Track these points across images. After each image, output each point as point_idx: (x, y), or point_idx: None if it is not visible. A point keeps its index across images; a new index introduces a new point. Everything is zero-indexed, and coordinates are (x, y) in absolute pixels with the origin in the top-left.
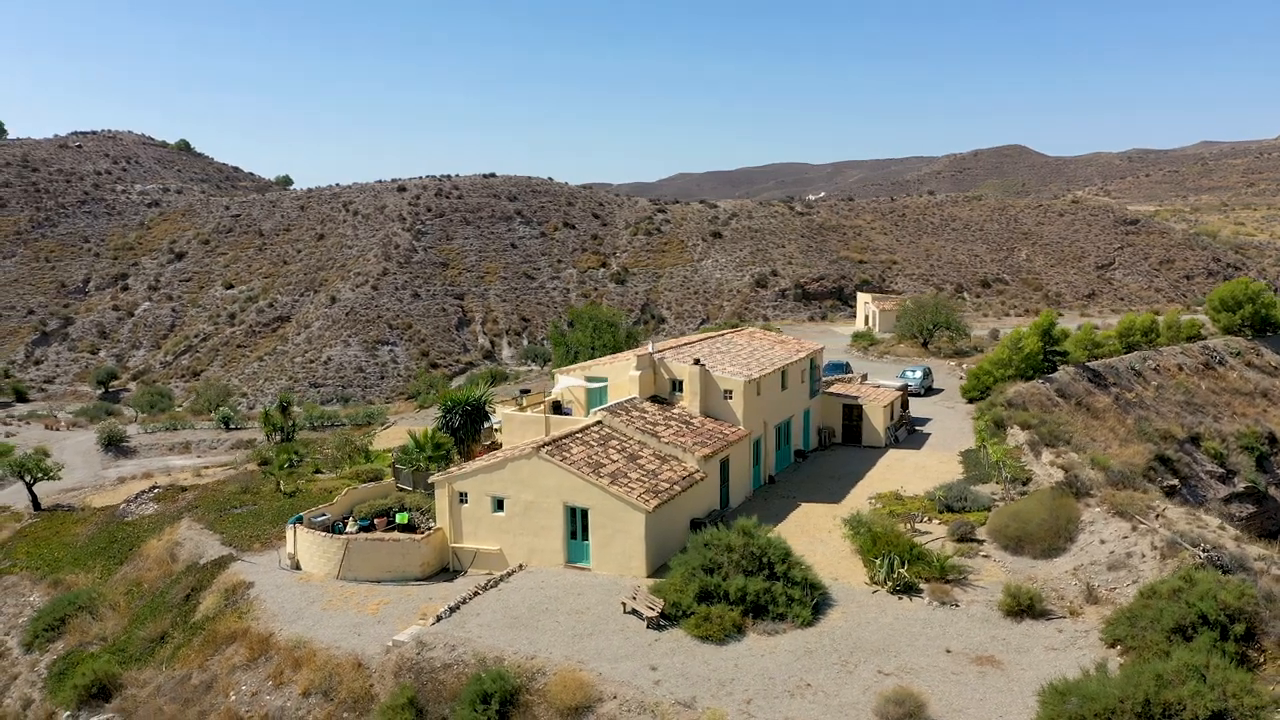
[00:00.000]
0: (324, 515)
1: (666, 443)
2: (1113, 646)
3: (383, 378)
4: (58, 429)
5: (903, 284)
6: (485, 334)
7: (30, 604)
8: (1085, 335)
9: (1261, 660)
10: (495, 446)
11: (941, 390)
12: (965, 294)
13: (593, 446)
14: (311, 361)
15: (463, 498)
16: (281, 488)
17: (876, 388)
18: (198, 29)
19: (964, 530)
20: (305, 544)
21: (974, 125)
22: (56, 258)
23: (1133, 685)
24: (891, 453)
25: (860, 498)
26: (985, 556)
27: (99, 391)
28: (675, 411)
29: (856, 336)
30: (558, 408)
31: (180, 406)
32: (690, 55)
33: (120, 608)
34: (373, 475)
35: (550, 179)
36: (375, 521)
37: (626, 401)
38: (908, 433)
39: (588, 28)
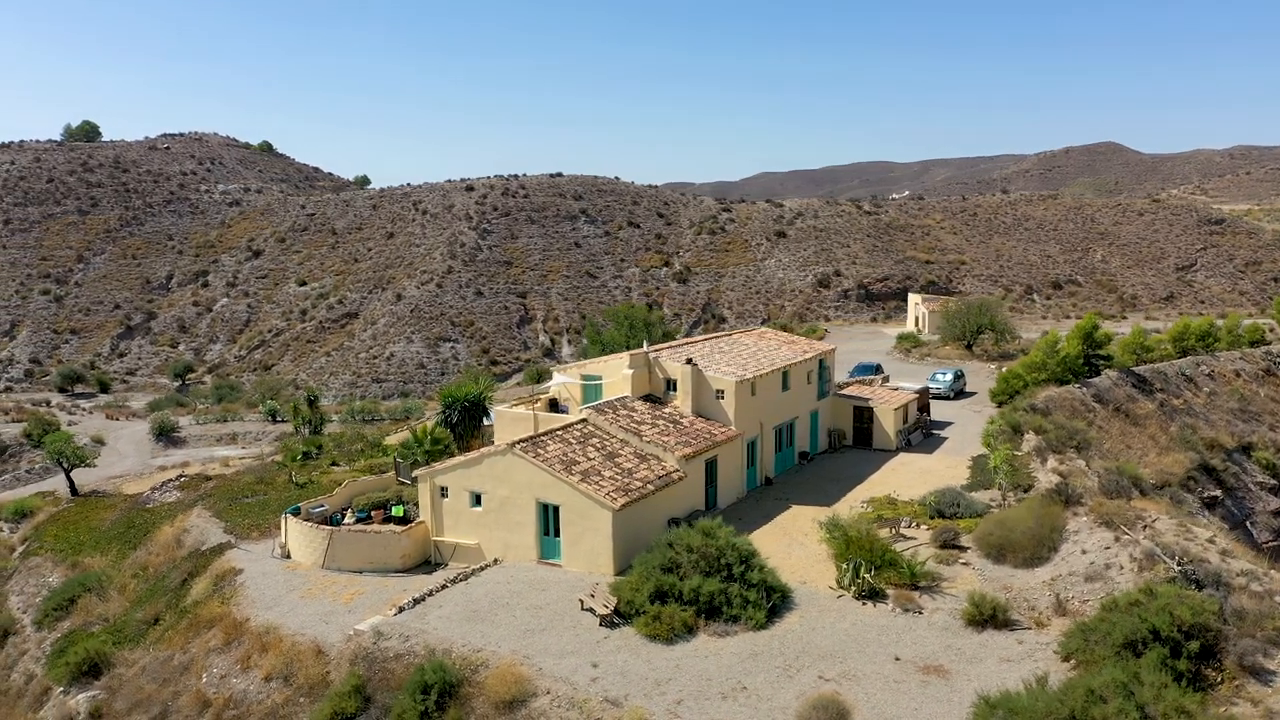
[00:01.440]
0: (322, 507)
1: (648, 441)
2: (1067, 660)
3: (443, 374)
4: (117, 419)
5: (970, 285)
6: (546, 332)
7: (49, 584)
8: (1134, 339)
9: (1219, 680)
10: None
11: (974, 394)
12: (1035, 295)
13: (571, 444)
14: (375, 358)
15: (443, 492)
16: (294, 479)
17: (895, 390)
18: (288, 30)
19: (947, 537)
20: (295, 534)
21: (1066, 121)
22: (143, 255)
23: (1059, 701)
24: (901, 456)
25: (854, 501)
26: (965, 564)
27: (175, 384)
28: (666, 411)
29: (901, 338)
30: (554, 405)
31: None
32: (773, 51)
33: (125, 590)
34: (384, 469)
35: (617, 178)
36: (372, 514)
37: (616, 400)
38: (923, 436)
39: (666, 23)
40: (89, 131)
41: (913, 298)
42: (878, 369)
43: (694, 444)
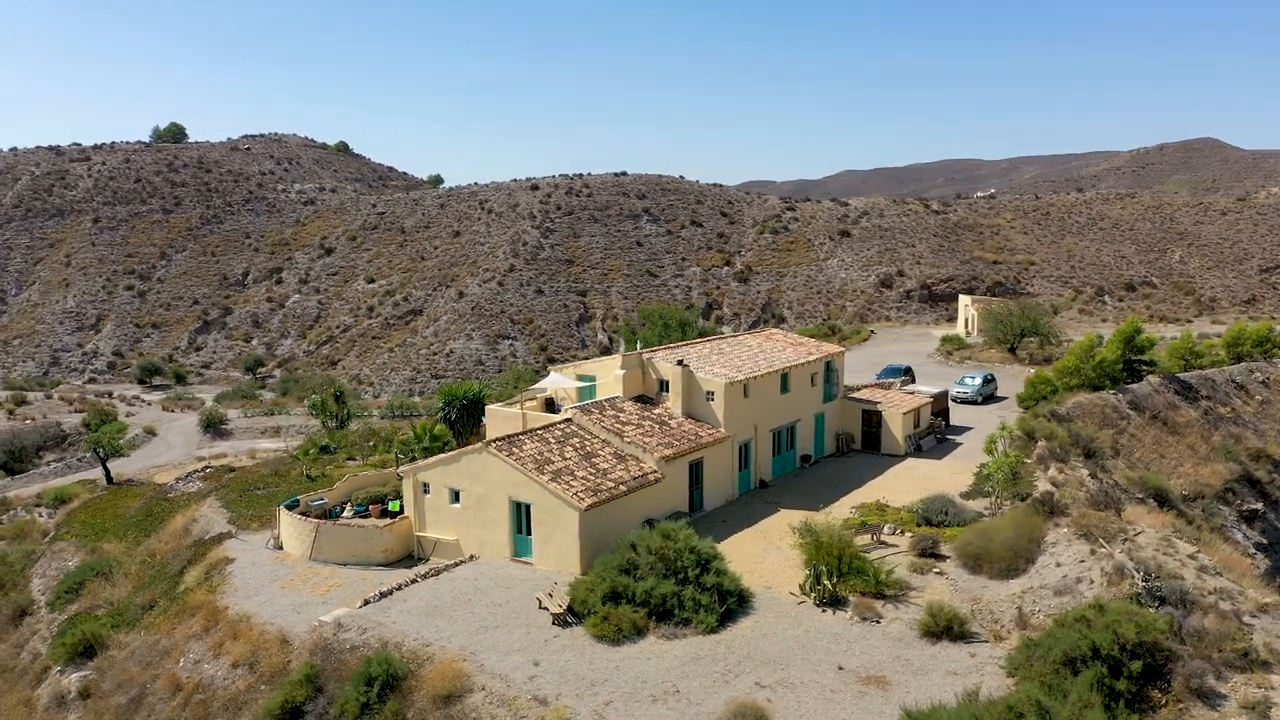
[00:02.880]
0: (321, 500)
1: (629, 442)
2: (1011, 675)
3: (500, 370)
4: (172, 410)
5: (1038, 286)
6: (604, 330)
7: (68, 568)
8: (1182, 344)
9: (1163, 702)
10: None
11: (1005, 399)
12: (1106, 297)
13: (549, 444)
14: (435, 354)
15: (425, 488)
16: (307, 473)
17: (911, 394)
18: (371, 32)
19: (925, 545)
20: (286, 527)
21: (1161, 117)
22: (221, 252)
23: (978, 718)
24: (908, 461)
25: (845, 507)
26: (939, 574)
27: (247, 377)
28: (657, 412)
29: (944, 340)
30: (550, 404)
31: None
32: (856, 47)
33: (131, 575)
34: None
35: (681, 177)
36: (370, 508)
37: (605, 400)
38: (936, 441)
39: (744, 20)
40: (176, 133)
41: (963, 299)
42: (906, 371)
43: (676, 445)
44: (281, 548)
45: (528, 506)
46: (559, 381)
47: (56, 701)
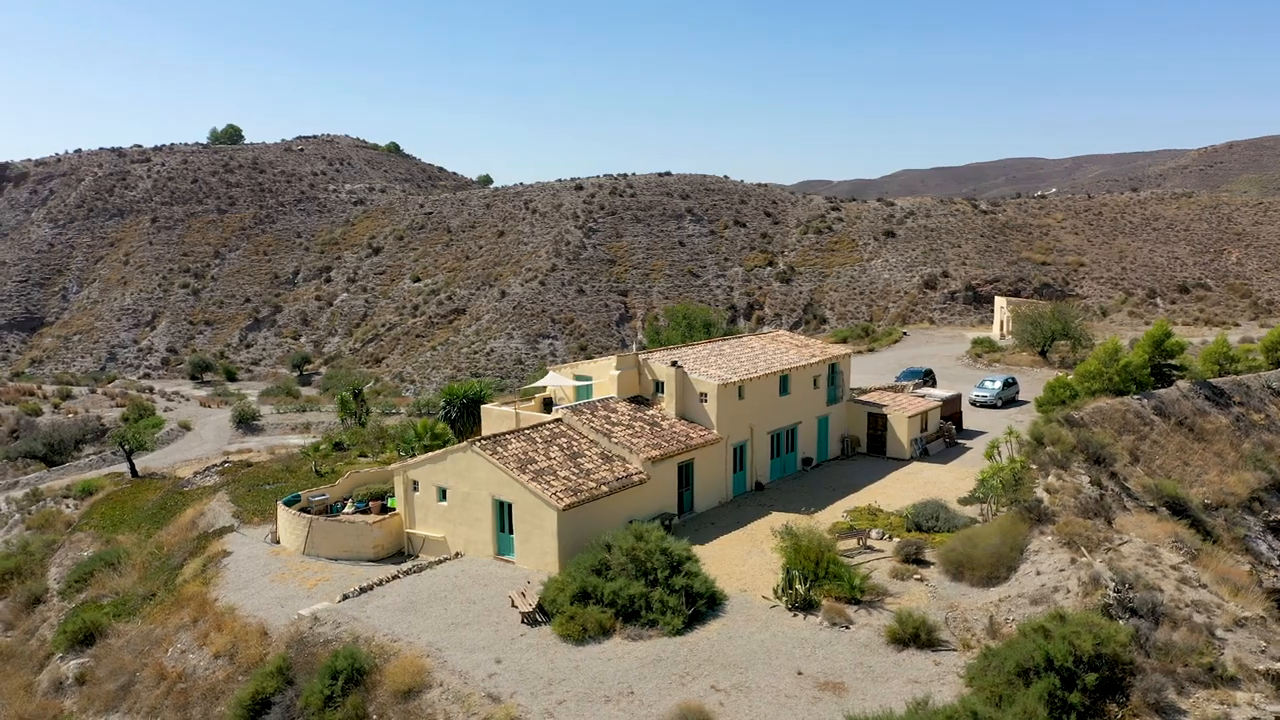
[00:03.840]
0: (323, 496)
1: (616, 442)
2: (970, 685)
3: (539, 370)
4: (210, 406)
5: (1088, 287)
6: (644, 330)
7: (83, 558)
8: (1217, 348)
9: (1120, 716)
10: None
11: (1026, 403)
12: (1158, 300)
13: (535, 443)
14: (476, 352)
15: (415, 486)
16: (317, 468)
17: (922, 397)
18: (426, 33)
19: (909, 551)
20: (283, 522)
21: (1231, 114)
22: (273, 251)
23: None
24: (912, 465)
25: (840, 510)
26: (920, 580)
27: (294, 374)
28: (650, 413)
29: (975, 343)
30: (549, 404)
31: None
32: (913, 45)
33: (137, 566)
34: None
35: (726, 177)
36: (370, 504)
37: (598, 400)
38: (945, 445)
39: (803, 19)
40: (232, 134)
41: (999, 301)
42: (927, 374)
43: (664, 447)
44: (279, 542)
45: (510, 505)
46: (557, 381)
47: (55, 687)
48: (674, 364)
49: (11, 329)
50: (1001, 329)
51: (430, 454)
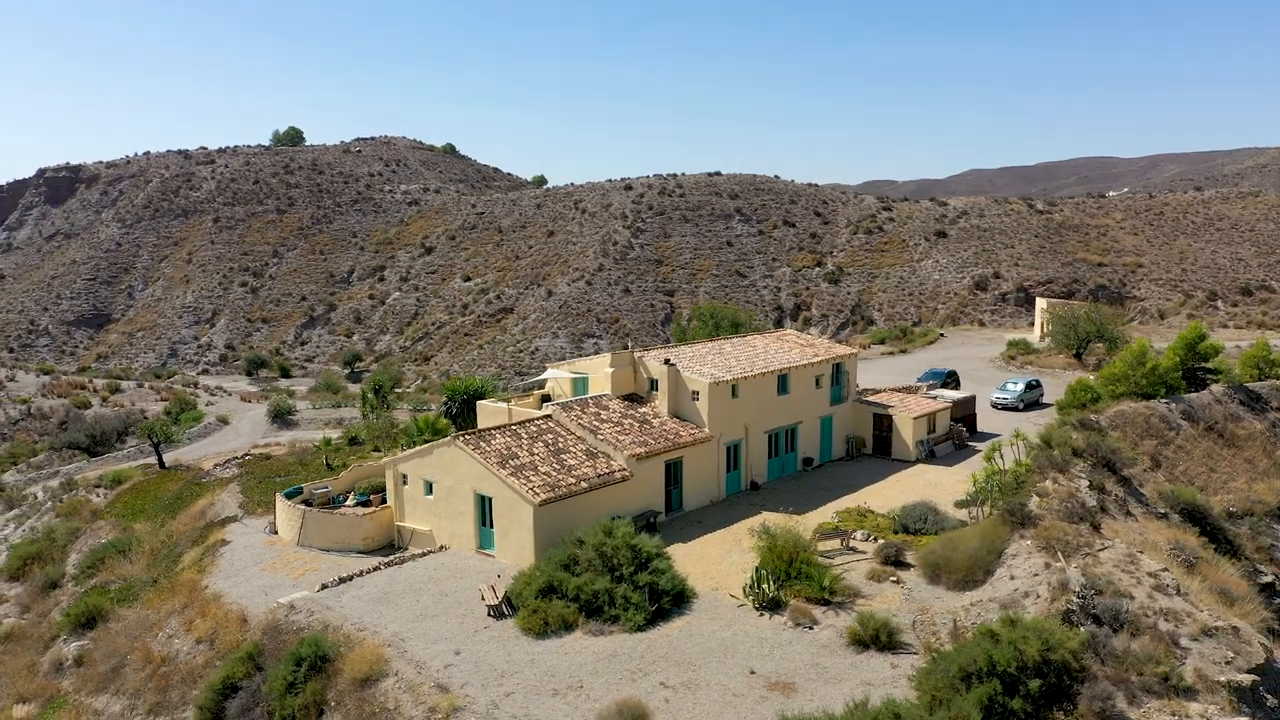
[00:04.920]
0: (325, 488)
1: (601, 439)
2: (918, 688)
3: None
4: (249, 401)
5: (1145, 289)
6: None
7: (100, 545)
8: (1257, 351)
9: None
10: None
11: (1050, 406)
12: (1218, 302)
13: (520, 439)
14: (521, 351)
15: (404, 479)
16: (329, 462)
17: (933, 398)
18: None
19: (890, 553)
20: (281, 513)
21: None
22: (329, 250)
23: None
24: (917, 467)
25: (831, 511)
26: (896, 582)
27: (345, 371)
28: (642, 410)
29: (1011, 344)
30: (547, 400)
31: (409, 388)
32: (980, 41)
33: (146, 554)
34: None
35: (776, 176)
36: (372, 497)
37: (590, 397)
38: (954, 447)
39: (866, 18)
40: (293, 136)
41: (1040, 302)
42: (950, 375)
43: (650, 444)
44: (277, 533)
45: (490, 500)
46: (555, 378)
47: (55, 667)
48: (666, 362)
49: (80, 325)
50: (1041, 331)
51: (418, 448)
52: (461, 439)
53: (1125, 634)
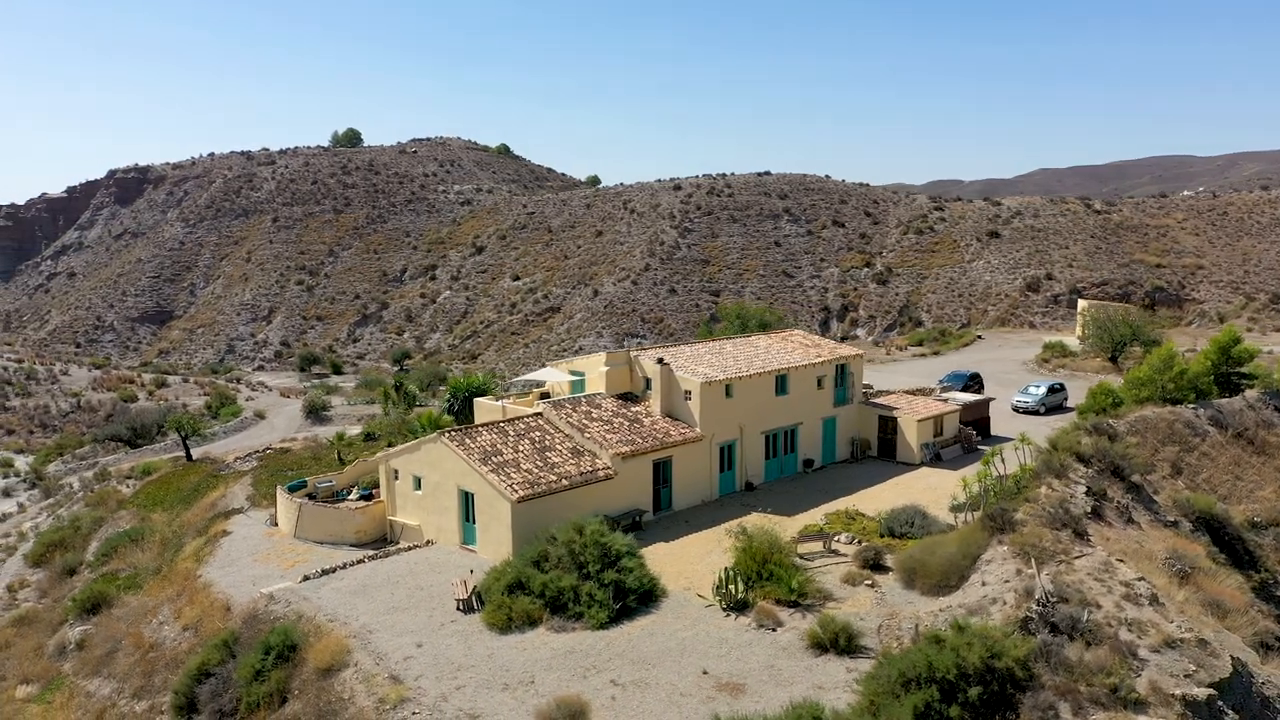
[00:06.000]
0: (329, 482)
1: (588, 438)
2: (863, 693)
3: None
4: (288, 396)
5: (1205, 291)
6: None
7: (117, 533)
8: None
9: None
10: None
11: (1073, 410)
12: None
13: (507, 436)
14: (564, 351)
15: (395, 475)
16: (341, 457)
17: (944, 400)
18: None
19: (869, 556)
20: (280, 506)
21: None
22: (383, 250)
23: None
24: (920, 470)
25: (822, 513)
26: (870, 586)
27: (395, 368)
28: (636, 409)
29: (1046, 347)
30: (546, 398)
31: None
32: (1050, 39)
33: (156, 543)
34: None
35: (827, 176)
36: (374, 492)
37: (583, 396)
38: (963, 451)
39: (933, 15)
40: (352, 137)
41: (1081, 304)
42: (973, 378)
43: (637, 443)
44: (276, 525)
45: (472, 495)
46: (553, 377)
47: (59, 650)
48: (659, 361)
49: (144, 321)
50: (1081, 333)
51: (407, 444)
52: (447, 435)
53: (1080, 643)
